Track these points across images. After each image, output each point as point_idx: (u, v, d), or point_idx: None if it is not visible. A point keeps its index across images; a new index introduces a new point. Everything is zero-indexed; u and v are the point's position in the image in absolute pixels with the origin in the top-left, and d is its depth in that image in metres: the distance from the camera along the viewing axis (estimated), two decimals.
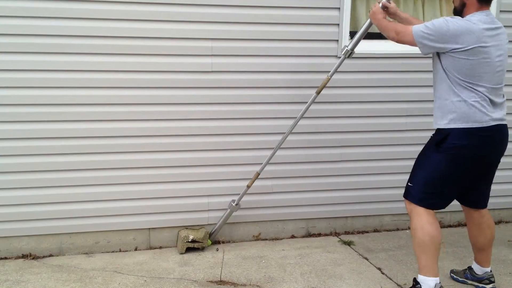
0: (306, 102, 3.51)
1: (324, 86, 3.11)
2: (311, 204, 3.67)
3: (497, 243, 3.59)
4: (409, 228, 3.89)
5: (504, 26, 3.67)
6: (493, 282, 2.83)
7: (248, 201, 3.51)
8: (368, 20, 2.89)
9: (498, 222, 4.04)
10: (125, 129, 3.28)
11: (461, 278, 2.94)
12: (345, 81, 3.56)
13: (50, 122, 3.17)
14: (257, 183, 3.51)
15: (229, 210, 3.36)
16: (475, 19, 2.41)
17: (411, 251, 3.42)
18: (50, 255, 3.31)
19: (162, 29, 3.22)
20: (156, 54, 3.24)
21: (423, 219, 2.55)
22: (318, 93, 3.13)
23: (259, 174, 3.30)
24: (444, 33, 2.39)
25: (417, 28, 2.45)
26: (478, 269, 2.85)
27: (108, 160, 3.29)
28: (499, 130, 2.51)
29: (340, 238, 3.68)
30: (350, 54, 3.03)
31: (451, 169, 2.51)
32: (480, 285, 2.84)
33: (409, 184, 2.65)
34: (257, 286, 2.88)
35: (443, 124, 2.51)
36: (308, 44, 3.45)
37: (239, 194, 3.39)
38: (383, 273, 3.07)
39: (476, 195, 2.73)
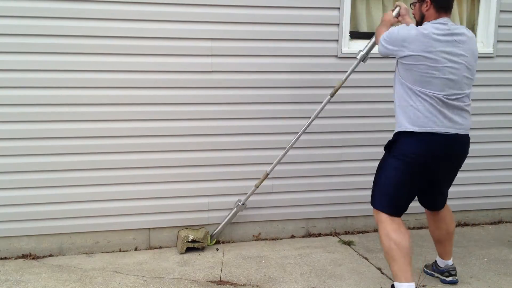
0: (306, 102, 3.52)
1: (338, 89, 3.12)
2: (311, 204, 3.67)
3: (497, 243, 3.60)
4: (409, 228, 3.90)
5: (504, 26, 3.75)
6: (454, 275, 2.92)
7: (248, 201, 3.50)
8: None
9: (498, 222, 4.05)
10: (125, 129, 3.28)
11: (429, 271, 3.05)
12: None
13: (50, 122, 3.17)
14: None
15: (235, 209, 3.36)
16: (427, 27, 2.44)
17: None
18: (50, 255, 3.31)
19: (162, 29, 3.22)
20: (156, 54, 3.24)
21: (387, 225, 2.56)
22: (332, 95, 3.14)
23: (268, 174, 3.30)
24: (394, 38, 2.49)
25: (385, 34, 2.57)
26: (440, 262, 2.96)
27: (108, 160, 3.29)
28: (449, 138, 2.49)
29: (340, 238, 3.68)
30: (365, 59, 3.01)
31: (396, 170, 2.56)
32: (442, 277, 2.95)
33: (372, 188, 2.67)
34: (257, 286, 2.88)
35: (397, 128, 2.57)
36: (308, 44, 3.45)
37: (239, 194, 3.39)
38: (383, 273, 3.07)
39: (430, 200, 2.81)
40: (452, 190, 3.80)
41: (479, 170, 3.89)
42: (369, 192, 3.69)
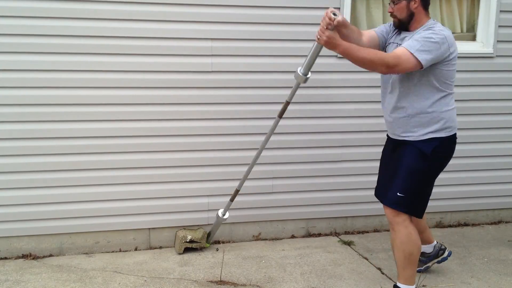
0: (306, 103, 3.53)
1: (284, 110, 2.93)
2: (311, 204, 3.67)
3: (497, 243, 3.60)
4: None
5: (504, 26, 3.75)
6: (445, 248, 3.01)
7: (248, 201, 3.51)
8: (315, 44, 2.55)
9: (498, 222, 4.04)
10: (125, 129, 3.28)
11: (422, 266, 3.02)
12: (345, 81, 3.56)
13: (50, 122, 3.17)
14: (256, 183, 3.52)
15: (216, 220, 3.34)
16: (442, 28, 2.46)
17: None
18: (50, 255, 3.31)
19: (162, 29, 3.22)
20: (156, 54, 3.24)
21: (412, 230, 2.54)
22: (280, 116, 2.97)
23: (238, 191, 3.24)
24: (441, 46, 2.37)
25: (415, 49, 2.34)
26: (428, 248, 2.98)
27: (108, 160, 3.29)
28: None
29: (340, 238, 3.68)
30: (305, 80, 2.78)
31: (435, 174, 2.60)
32: (439, 258, 2.99)
33: (398, 194, 2.54)
34: (257, 286, 2.88)
35: (431, 133, 2.52)
36: (308, 44, 3.44)
37: (239, 194, 3.38)
38: (383, 273, 3.07)
39: None
40: (452, 190, 3.84)
41: (479, 170, 3.89)
42: (369, 192, 3.71)
